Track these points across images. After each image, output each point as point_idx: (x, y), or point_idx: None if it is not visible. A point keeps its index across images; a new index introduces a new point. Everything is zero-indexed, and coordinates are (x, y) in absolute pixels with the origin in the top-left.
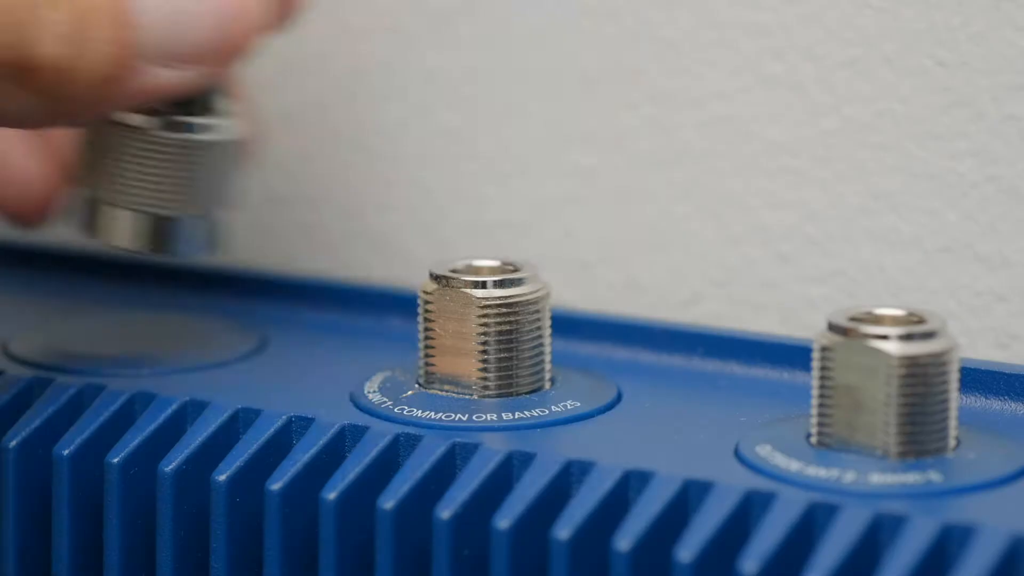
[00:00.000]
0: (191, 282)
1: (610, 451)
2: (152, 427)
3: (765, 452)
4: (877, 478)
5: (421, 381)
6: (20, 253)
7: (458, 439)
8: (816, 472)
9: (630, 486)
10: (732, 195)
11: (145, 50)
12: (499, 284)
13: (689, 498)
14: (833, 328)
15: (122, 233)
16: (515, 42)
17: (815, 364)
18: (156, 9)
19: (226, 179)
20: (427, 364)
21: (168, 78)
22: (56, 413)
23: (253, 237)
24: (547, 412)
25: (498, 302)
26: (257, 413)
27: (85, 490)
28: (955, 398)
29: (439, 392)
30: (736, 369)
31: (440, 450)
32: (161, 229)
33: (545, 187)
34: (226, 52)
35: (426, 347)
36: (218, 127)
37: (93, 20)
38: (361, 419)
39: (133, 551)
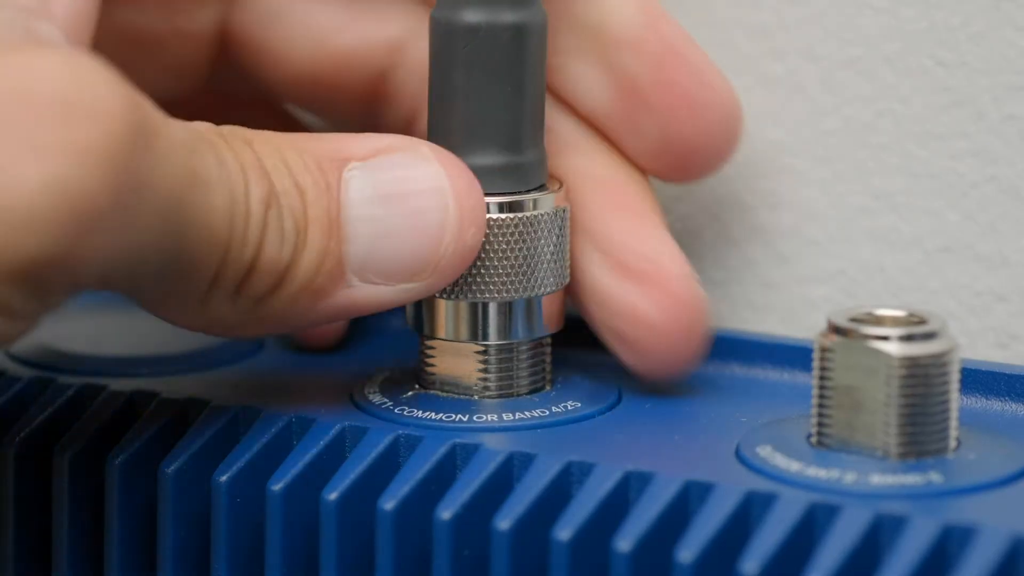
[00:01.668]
0: None
1: (610, 452)
2: (152, 428)
3: (765, 453)
4: (877, 479)
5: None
6: None
7: (458, 440)
8: (816, 473)
9: (630, 487)
10: (732, 195)
11: (354, 264)
12: None
13: (689, 499)
14: (833, 328)
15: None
16: None
17: (815, 364)
18: (366, 225)
19: None
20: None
21: (376, 294)
22: (56, 413)
23: None
24: (547, 413)
25: None
26: (257, 413)
27: (85, 491)
28: (955, 398)
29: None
30: (736, 369)
31: (440, 451)
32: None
33: None
34: (434, 270)
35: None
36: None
37: (310, 230)
38: (361, 419)
39: (134, 551)
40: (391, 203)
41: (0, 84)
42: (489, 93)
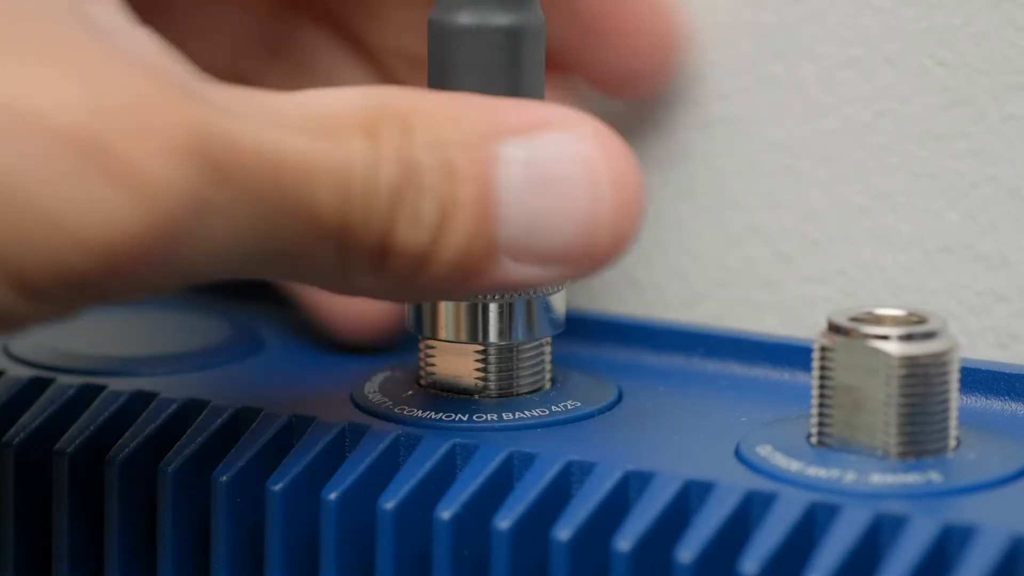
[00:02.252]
0: None
1: (610, 451)
2: (152, 427)
3: (765, 452)
4: (877, 478)
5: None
6: None
7: (458, 439)
8: (816, 472)
9: (630, 486)
10: (732, 195)
11: (506, 245)
12: None
13: (689, 498)
14: (833, 328)
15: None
16: None
17: (815, 364)
18: (520, 207)
19: None
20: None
21: (526, 274)
22: (56, 413)
23: None
24: (547, 412)
25: None
26: (257, 413)
27: (85, 490)
28: (955, 398)
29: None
30: (736, 369)
31: (440, 450)
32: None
33: None
34: (589, 258)
35: None
36: None
37: (457, 214)
38: (361, 419)
39: (133, 551)
40: (545, 186)
41: (13, 110)
42: (482, 95)
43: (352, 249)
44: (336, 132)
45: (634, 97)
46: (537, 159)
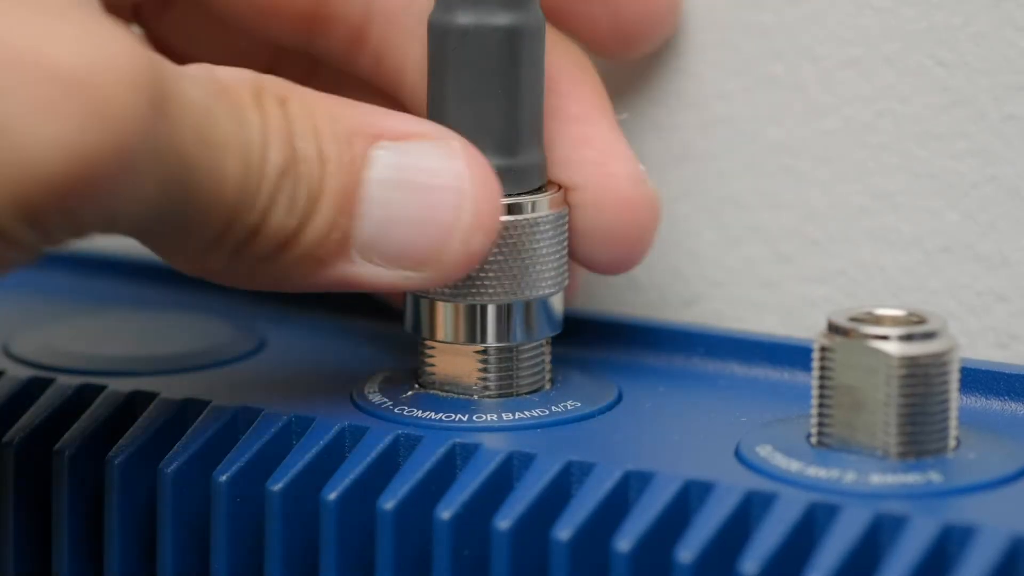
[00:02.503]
0: (191, 282)
1: (610, 451)
2: (152, 427)
3: (765, 452)
4: (877, 478)
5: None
6: None
7: (458, 439)
8: (816, 472)
9: (630, 486)
10: (732, 195)
11: (359, 241)
12: None
13: (689, 498)
14: (833, 328)
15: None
16: None
17: (815, 364)
18: (381, 206)
19: None
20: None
21: (372, 273)
22: (56, 413)
23: None
24: (547, 412)
25: None
26: (257, 413)
27: (85, 490)
28: (955, 398)
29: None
30: (736, 369)
31: (440, 450)
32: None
33: None
34: (437, 266)
35: None
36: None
37: (323, 201)
38: (361, 419)
39: (133, 551)
40: (409, 191)
41: (22, 44)
42: (481, 95)
43: (235, 225)
44: (236, 103)
45: (628, 55)
46: (405, 164)
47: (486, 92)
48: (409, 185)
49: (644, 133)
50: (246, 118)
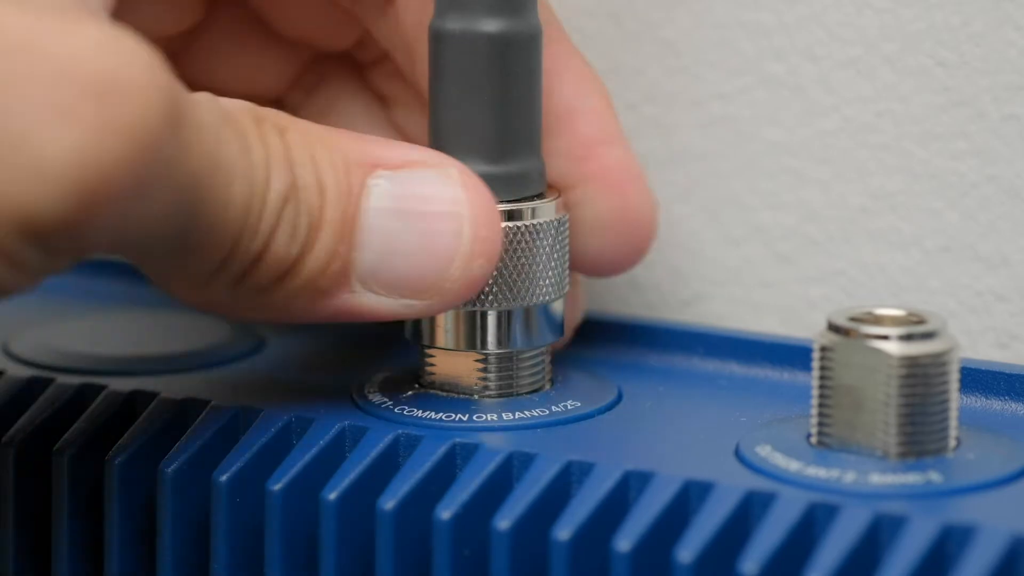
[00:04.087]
0: None
1: (610, 451)
2: (152, 427)
3: (765, 452)
4: (877, 478)
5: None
6: None
7: (458, 439)
8: (816, 472)
9: (630, 486)
10: (732, 195)
11: (360, 271)
12: None
13: (689, 498)
14: (833, 328)
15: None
16: None
17: (815, 364)
18: (380, 235)
19: None
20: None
21: (374, 302)
22: (56, 413)
23: None
24: (547, 412)
25: None
26: (257, 413)
27: (85, 490)
28: (955, 398)
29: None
30: (736, 369)
31: (440, 450)
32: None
33: None
34: (438, 293)
35: None
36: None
37: (323, 230)
38: (361, 419)
39: (133, 551)
40: (408, 219)
41: (43, 51)
42: (470, 102)
43: (237, 253)
44: (242, 131)
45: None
46: (403, 193)
47: (475, 98)
48: (408, 213)
49: (644, 133)
50: (250, 144)
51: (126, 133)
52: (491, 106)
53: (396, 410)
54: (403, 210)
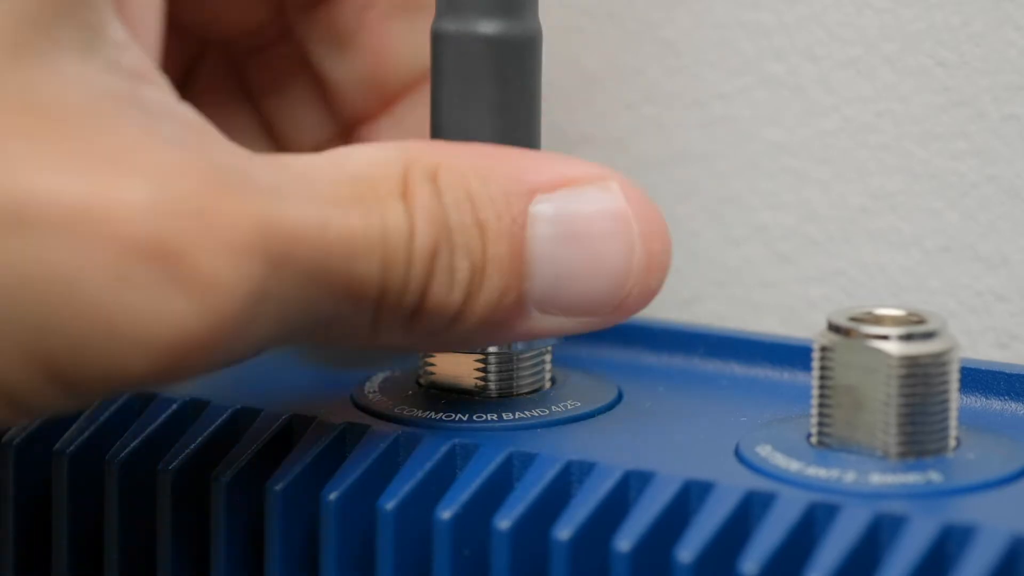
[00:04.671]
0: None
1: (610, 451)
2: (152, 427)
3: (765, 452)
4: (877, 478)
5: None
6: None
7: (458, 439)
8: (816, 472)
9: (630, 486)
10: (732, 195)
11: (535, 299)
12: None
13: (689, 498)
14: (833, 328)
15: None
16: None
17: (815, 364)
18: (550, 262)
19: None
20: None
21: (553, 324)
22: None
23: None
24: (547, 412)
25: None
26: (257, 413)
27: (85, 490)
28: (955, 398)
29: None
30: (736, 369)
31: (440, 450)
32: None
33: None
34: (616, 310)
35: None
36: None
37: (488, 271)
38: (361, 419)
39: (133, 552)
40: (576, 242)
41: (95, 221)
42: (469, 104)
43: (388, 311)
44: (375, 198)
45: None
46: (566, 216)
47: (473, 100)
48: (575, 237)
49: (644, 133)
50: (387, 212)
51: (211, 297)
52: (489, 108)
53: (396, 410)
54: (570, 234)
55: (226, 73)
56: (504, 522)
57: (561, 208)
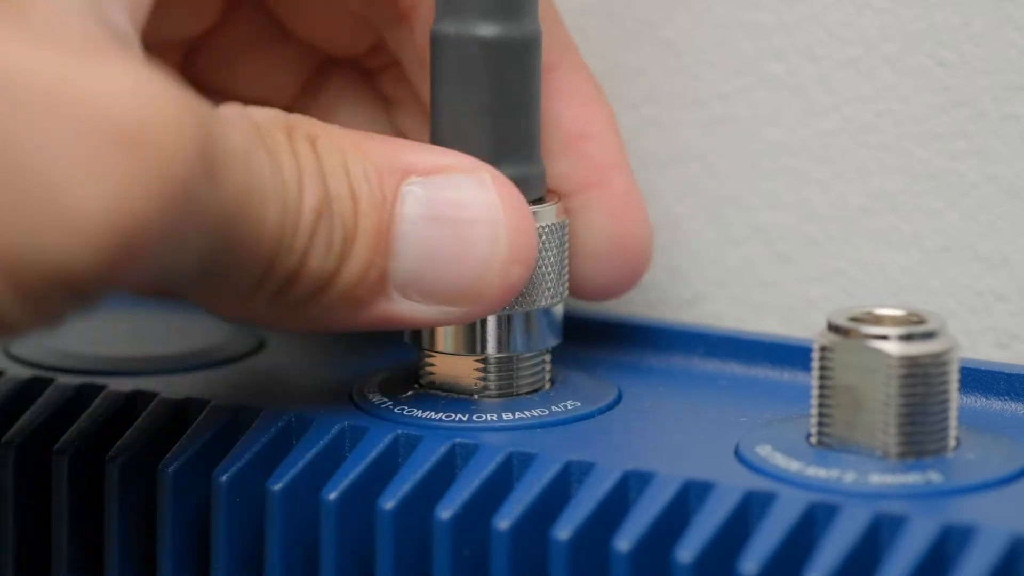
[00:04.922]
0: None
1: (610, 451)
2: (152, 427)
3: (765, 452)
4: (877, 478)
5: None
6: None
7: (458, 439)
8: (816, 472)
9: (630, 486)
10: (732, 195)
11: (397, 279)
12: None
13: (689, 498)
14: (833, 328)
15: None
16: None
17: (815, 364)
18: (416, 243)
19: None
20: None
21: (413, 310)
22: (56, 413)
23: None
24: (547, 412)
25: None
26: (257, 413)
27: (84, 491)
28: (955, 398)
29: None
30: (736, 369)
31: (440, 450)
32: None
33: None
34: (477, 300)
35: None
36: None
37: (358, 240)
38: (361, 419)
39: (134, 551)
40: (443, 226)
41: (73, 98)
42: (468, 106)
43: (274, 271)
44: (275, 146)
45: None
46: (436, 199)
47: (472, 102)
48: (443, 220)
49: (644, 133)
50: (281, 160)
51: (159, 184)
52: (488, 110)
53: (396, 410)
54: (438, 217)
55: (360, 83)
56: (504, 522)
57: (432, 191)
